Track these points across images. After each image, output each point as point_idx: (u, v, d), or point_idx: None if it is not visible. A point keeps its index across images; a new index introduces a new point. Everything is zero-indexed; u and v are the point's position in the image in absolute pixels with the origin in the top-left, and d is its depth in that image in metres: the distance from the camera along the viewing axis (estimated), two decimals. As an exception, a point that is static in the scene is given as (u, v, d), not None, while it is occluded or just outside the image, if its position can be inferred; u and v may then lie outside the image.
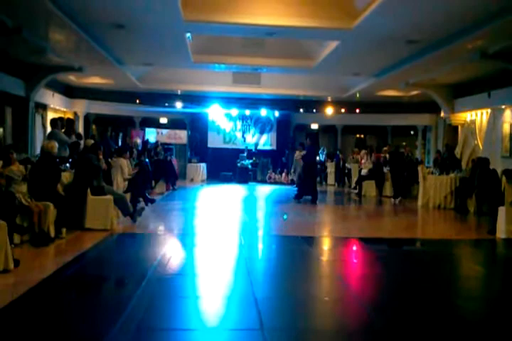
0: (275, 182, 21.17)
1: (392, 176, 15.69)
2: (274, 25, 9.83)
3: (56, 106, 17.17)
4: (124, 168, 10.82)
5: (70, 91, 18.46)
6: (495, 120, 14.32)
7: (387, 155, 17.37)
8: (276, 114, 22.22)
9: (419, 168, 14.45)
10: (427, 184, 13.78)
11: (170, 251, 7.53)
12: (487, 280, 6.70)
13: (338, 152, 22.04)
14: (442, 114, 17.15)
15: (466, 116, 16.23)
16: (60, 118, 11.49)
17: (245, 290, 5.53)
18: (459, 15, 8.70)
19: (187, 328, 4.35)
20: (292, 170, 19.92)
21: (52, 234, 7.44)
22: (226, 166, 21.76)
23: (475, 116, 15.65)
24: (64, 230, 7.89)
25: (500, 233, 9.03)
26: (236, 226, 10.40)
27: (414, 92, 17.32)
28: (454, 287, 6.16)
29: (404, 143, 21.20)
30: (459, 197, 12.61)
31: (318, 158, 21.91)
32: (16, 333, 4.05)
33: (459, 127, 16.79)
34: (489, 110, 14.63)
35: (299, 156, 13.93)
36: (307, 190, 14.07)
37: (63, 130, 11.02)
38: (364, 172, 17.21)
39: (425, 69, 13.01)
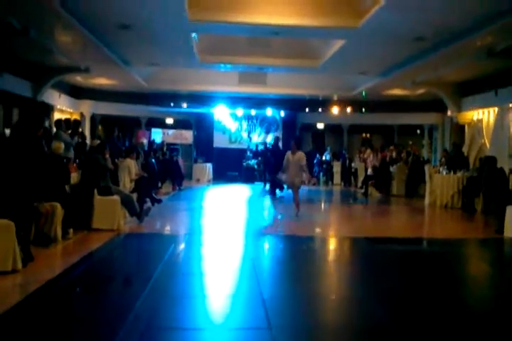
0: (281, 182, 21.09)
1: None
2: (280, 25, 9.83)
3: (63, 106, 17.23)
4: (131, 169, 10.83)
5: (77, 92, 18.52)
6: (502, 118, 14.25)
7: (394, 154, 17.40)
8: (282, 113, 22.21)
9: (426, 167, 14.41)
10: (433, 183, 13.74)
11: (177, 251, 7.53)
12: (496, 280, 6.65)
13: (344, 151, 22.02)
14: (449, 113, 17.09)
15: (473, 115, 16.17)
16: (66, 120, 11.50)
17: (252, 289, 5.52)
18: (466, 13, 8.68)
19: (195, 327, 4.35)
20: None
21: (59, 234, 7.45)
22: (232, 166, 21.78)
23: (482, 115, 15.59)
24: (71, 230, 7.89)
25: (508, 232, 8.97)
26: (242, 226, 10.39)
27: (421, 91, 17.26)
28: (462, 286, 6.13)
29: (410, 142, 21.17)
30: (466, 196, 12.54)
31: (324, 157, 21.97)
32: (25, 333, 4.06)
33: (466, 126, 16.73)
34: (496, 108, 14.56)
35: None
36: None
37: (69, 131, 11.03)
38: (370, 171, 17.19)
39: (432, 67, 12.97)
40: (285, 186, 15.48)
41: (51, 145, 8.47)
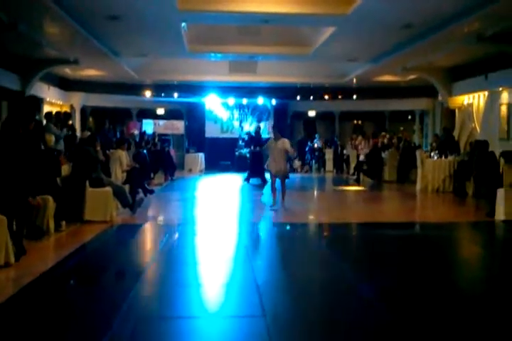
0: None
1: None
2: (269, 13, 9.76)
3: (52, 99, 17.10)
4: (122, 160, 10.81)
5: (66, 84, 18.37)
6: (492, 102, 14.30)
7: (385, 140, 17.45)
8: (273, 102, 22.16)
9: (418, 153, 14.46)
10: (425, 168, 13.80)
11: (170, 241, 7.55)
12: (487, 262, 6.73)
13: (335, 138, 22.04)
14: (440, 98, 17.11)
15: (463, 100, 16.19)
16: (56, 113, 11.46)
17: (247, 277, 5.56)
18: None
19: (189, 316, 4.38)
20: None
21: (52, 227, 7.45)
22: (224, 155, 21.75)
23: (472, 99, 15.61)
24: (63, 223, 7.89)
25: (499, 215, 9.06)
26: (235, 214, 10.42)
27: (412, 77, 17.24)
28: (454, 269, 6.20)
29: (401, 128, 21.22)
30: (457, 180, 12.64)
31: (316, 144, 21.99)
32: (19, 325, 4.07)
33: (457, 111, 16.76)
34: (486, 92, 14.60)
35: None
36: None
37: (59, 124, 10.97)
38: (362, 158, 17.24)
39: (422, 53, 12.95)
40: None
41: (43, 138, 8.44)
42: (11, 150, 6.38)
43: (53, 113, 11.25)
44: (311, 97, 21.13)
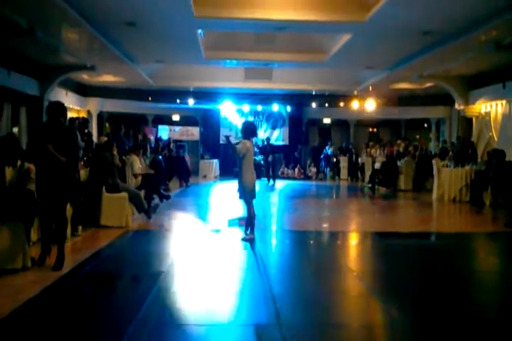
0: (288, 177, 21.16)
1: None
2: (285, 20, 9.80)
3: (70, 105, 17.22)
4: (134, 165, 10.82)
5: (83, 90, 18.56)
6: (510, 111, 14.16)
7: (401, 148, 17.34)
8: (288, 109, 22.19)
9: (434, 161, 14.36)
10: (441, 177, 13.69)
11: (185, 247, 7.54)
12: (505, 273, 6.64)
13: (350, 146, 21.97)
14: (456, 106, 17.01)
15: (480, 108, 16.06)
16: (77, 118, 11.55)
17: (262, 285, 5.52)
18: (473, 6, 8.62)
19: (204, 324, 4.36)
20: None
21: (69, 232, 7.47)
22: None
23: (490, 108, 15.49)
24: (80, 228, 7.93)
25: (518, 225, 8.95)
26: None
27: (428, 85, 17.18)
28: (471, 280, 6.12)
29: (418, 136, 21.09)
30: (474, 190, 12.49)
31: (330, 153, 21.91)
32: (35, 331, 4.08)
33: (474, 119, 16.63)
34: (504, 101, 14.47)
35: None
36: None
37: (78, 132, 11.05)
38: (377, 166, 17.14)
39: (439, 61, 12.90)
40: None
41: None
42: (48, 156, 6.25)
43: (74, 119, 11.34)
44: (326, 104, 21.12)
